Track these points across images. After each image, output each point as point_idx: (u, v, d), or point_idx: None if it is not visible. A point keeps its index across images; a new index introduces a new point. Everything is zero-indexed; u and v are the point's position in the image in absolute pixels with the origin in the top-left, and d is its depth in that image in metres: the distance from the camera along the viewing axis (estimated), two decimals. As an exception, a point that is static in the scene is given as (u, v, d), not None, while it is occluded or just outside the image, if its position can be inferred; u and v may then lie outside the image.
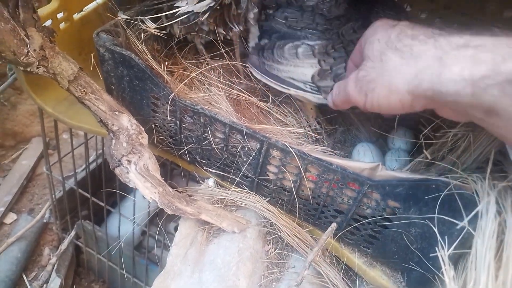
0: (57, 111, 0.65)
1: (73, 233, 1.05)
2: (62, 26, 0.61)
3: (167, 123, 0.55)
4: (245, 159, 0.51)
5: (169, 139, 0.57)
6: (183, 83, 0.52)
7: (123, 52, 0.50)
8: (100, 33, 0.51)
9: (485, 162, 0.42)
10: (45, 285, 1.00)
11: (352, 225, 0.48)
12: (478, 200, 0.38)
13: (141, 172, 0.48)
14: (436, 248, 0.39)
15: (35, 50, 0.44)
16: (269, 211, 0.53)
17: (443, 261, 0.38)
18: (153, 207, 0.78)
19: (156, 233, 0.97)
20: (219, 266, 0.49)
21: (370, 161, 0.47)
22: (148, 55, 0.52)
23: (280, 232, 0.53)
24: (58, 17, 0.59)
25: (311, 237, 0.53)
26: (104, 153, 0.74)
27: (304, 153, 0.45)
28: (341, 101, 0.43)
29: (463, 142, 0.45)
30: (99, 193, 0.92)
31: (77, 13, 0.64)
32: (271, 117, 0.56)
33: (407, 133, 0.57)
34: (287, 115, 0.58)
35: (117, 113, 0.50)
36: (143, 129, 0.52)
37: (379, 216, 0.45)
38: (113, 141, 0.49)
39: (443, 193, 0.39)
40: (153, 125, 0.56)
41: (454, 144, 0.46)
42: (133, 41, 0.52)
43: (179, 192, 0.51)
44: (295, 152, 0.45)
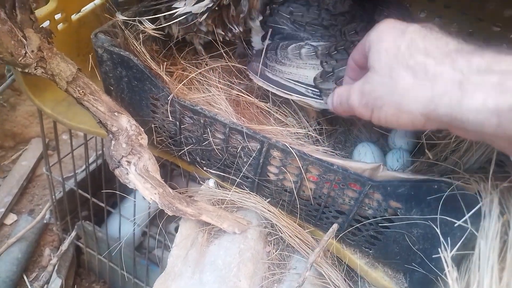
0: (56, 112, 0.64)
1: (73, 234, 1.05)
2: (60, 27, 0.61)
3: (167, 124, 0.54)
4: (245, 160, 0.50)
5: (169, 140, 0.57)
6: (182, 84, 0.51)
7: (121, 52, 0.49)
8: (98, 34, 0.51)
9: (487, 162, 0.42)
10: (46, 285, 1.00)
11: (353, 226, 0.48)
12: (480, 200, 0.37)
13: (141, 173, 0.48)
14: (438, 249, 0.39)
15: (33, 51, 0.44)
16: (270, 211, 0.53)
17: (446, 262, 0.38)
18: (154, 208, 0.78)
19: (156, 234, 0.97)
20: (220, 267, 0.49)
21: (371, 162, 0.46)
22: (146, 55, 0.51)
23: (281, 233, 0.52)
24: (56, 18, 0.59)
25: (313, 238, 0.53)
26: (104, 153, 0.74)
27: (304, 153, 0.44)
28: (344, 111, 0.41)
29: (465, 142, 0.45)
30: (99, 194, 0.92)
31: (75, 14, 0.63)
32: (271, 117, 0.56)
33: (408, 133, 0.57)
34: (287, 115, 0.58)
35: (116, 114, 0.50)
36: (143, 130, 0.51)
37: (381, 216, 0.45)
38: (113, 142, 0.49)
39: (446, 193, 0.39)
40: (153, 125, 0.56)
41: (457, 145, 0.46)
42: (132, 41, 0.52)
43: (179, 193, 0.51)
44: (295, 152, 0.44)
